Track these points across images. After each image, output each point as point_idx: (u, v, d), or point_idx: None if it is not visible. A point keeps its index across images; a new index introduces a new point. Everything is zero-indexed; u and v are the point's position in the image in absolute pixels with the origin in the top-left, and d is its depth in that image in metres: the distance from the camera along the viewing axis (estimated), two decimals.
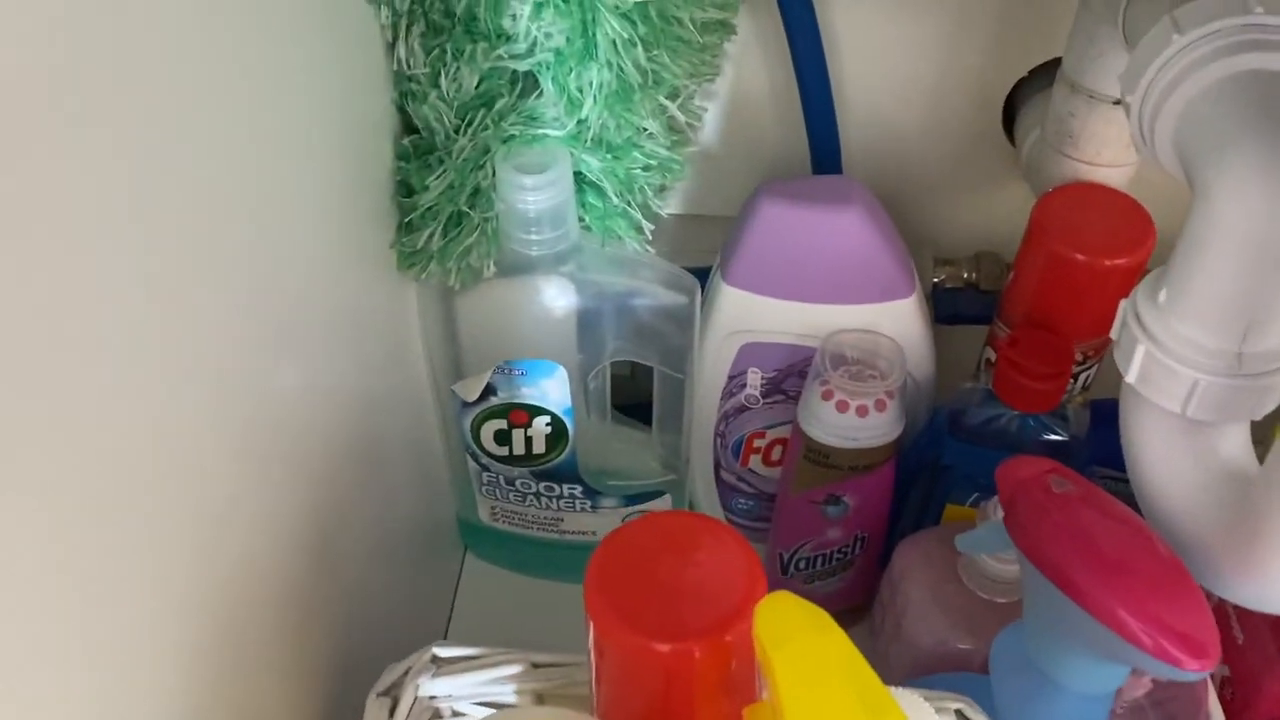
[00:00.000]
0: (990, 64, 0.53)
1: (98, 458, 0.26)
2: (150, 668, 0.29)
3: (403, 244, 0.45)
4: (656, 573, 0.32)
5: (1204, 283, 0.33)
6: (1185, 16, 0.35)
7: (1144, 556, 0.35)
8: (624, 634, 0.31)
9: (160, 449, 0.29)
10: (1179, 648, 0.33)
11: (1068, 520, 0.36)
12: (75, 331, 0.24)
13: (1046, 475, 0.37)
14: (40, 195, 0.23)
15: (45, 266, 0.23)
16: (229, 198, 0.31)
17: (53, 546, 0.24)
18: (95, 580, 0.26)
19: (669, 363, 0.50)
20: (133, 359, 0.27)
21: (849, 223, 0.47)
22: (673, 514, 0.35)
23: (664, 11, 0.41)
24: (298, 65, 0.36)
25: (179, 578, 0.30)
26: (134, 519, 0.28)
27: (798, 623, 0.28)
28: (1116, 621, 0.34)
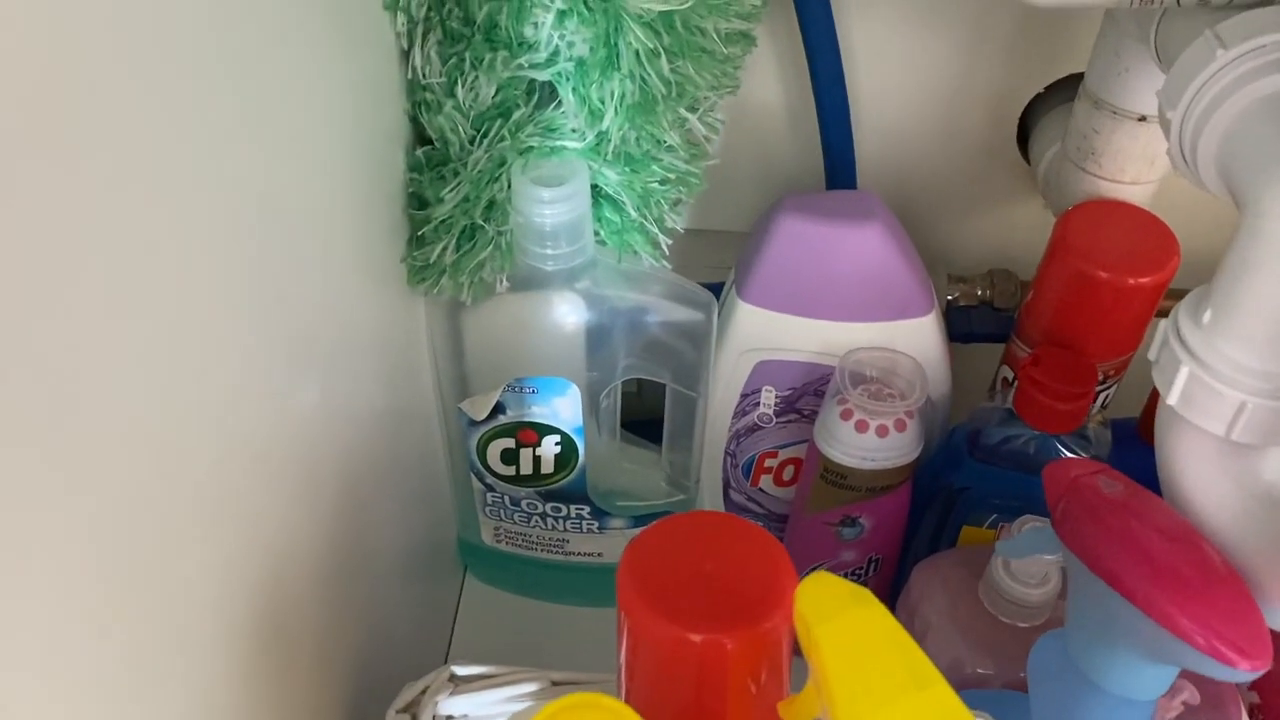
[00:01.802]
0: (1006, 80, 0.52)
1: (120, 477, 0.25)
2: (173, 689, 0.28)
3: (414, 258, 0.44)
4: (688, 567, 0.32)
5: (1252, 302, 0.32)
6: (1228, 32, 0.34)
7: (1194, 558, 0.34)
8: (657, 625, 0.31)
9: (182, 470, 0.28)
10: (1231, 647, 0.32)
11: (1118, 521, 0.35)
12: (99, 350, 0.23)
13: (1095, 476, 0.36)
14: (60, 213, 0.21)
15: (67, 286, 0.22)
16: (239, 212, 0.30)
17: (70, 566, 0.23)
18: (116, 600, 0.25)
19: (682, 380, 0.49)
20: (153, 377, 0.26)
21: (870, 239, 0.46)
22: (703, 513, 0.35)
23: (688, 22, 0.40)
24: (309, 74, 0.34)
25: (204, 595, 0.29)
26: (160, 538, 0.27)
27: (840, 599, 0.28)
28: (1171, 621, 0.33)
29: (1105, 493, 0.36)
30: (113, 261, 0.24)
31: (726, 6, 0.41)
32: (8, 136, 0.19)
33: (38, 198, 0.21)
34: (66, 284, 0.22)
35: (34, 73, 0.20)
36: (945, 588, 0.49)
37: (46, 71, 0.21)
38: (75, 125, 0.22)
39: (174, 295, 0.26)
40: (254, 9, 0.30)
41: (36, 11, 0.20)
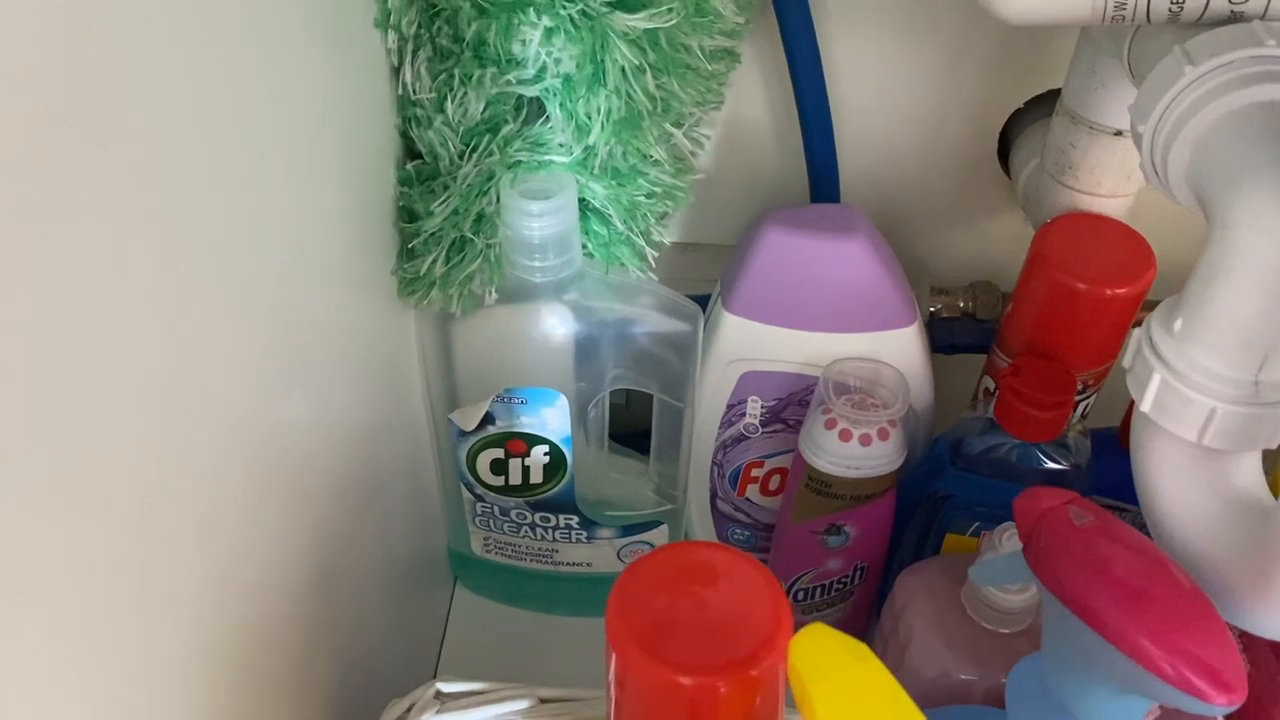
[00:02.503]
0: (986, 95, 0.53)
1: (108, 486, 0.25)
2: (158, 699, 0.28)
3: (404, 270, 0.44)
4: (680, 604, 0.31)
5: (1222, 311, 0.33)
6: (1197, 48, 0.35)
7: (1166, 587, 0.35)
8: (647, 666, 0.30)
9: (171, 479, 0.28)
10: (1205, 680, 0.32)
11: (1089, 551, 0.36)
12: (93, 359, 0.24)
13: (1066, 507, 0.37)
14: (54, 225, 0.22)
15: (61, 297, 0.22)
16: (232, 224, 0.31)
17: (56, 575, 0.23)
18: (102, 610, 0.25)
19: (669, 391, 0.50)
20: (144, 388, 0.26)
21: (854, 251, 0.47)
22: (696, 544, 0.35)
23: (673, 39, 0.41)
24: (302, 91, 0.35)
25: (190, 606, 0.30)
26: (146, 546, 0.27)
27: (837, 655, 0.28)
28: (1142, 654, 0.33)
29: (1075, 524, 0.36)
30: (108, 272, 0.24)
31: (711, 24, 0.42)
32: (10, 149, 0.20)
33: (37, 209, 0.21)
34: (62, 292, 0.22)
35: (42, 84, 0.21)
36: (929, 594, 0.50)
37: (54, 82, 0.21)
38: (78, 135, 0.22)
39: (167, 306, 0.27)
40: (250, 27, 0.30)
41: (47, 29, 0.21)
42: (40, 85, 0.21)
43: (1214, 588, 0.35)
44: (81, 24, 0.22)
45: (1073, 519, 0.36)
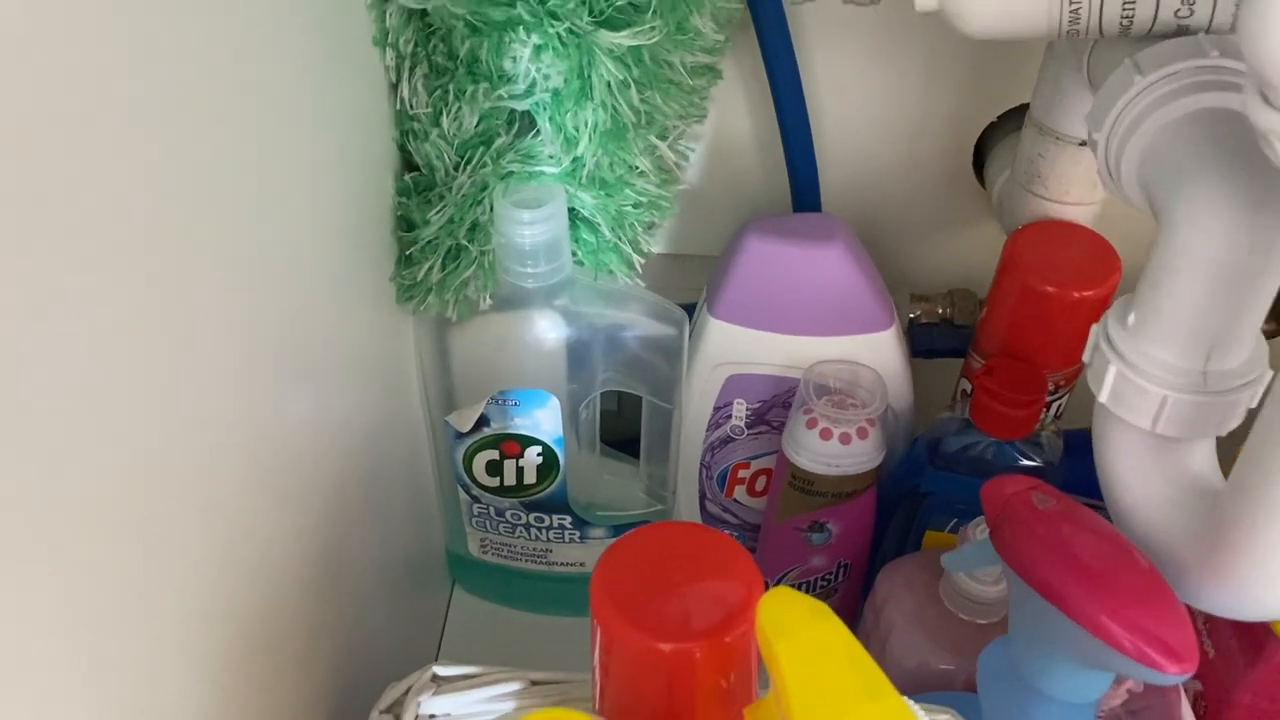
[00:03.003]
0: (960, 109, 0.55)
1: (115, 482, 0.27)
2: (163, 688, 0.30)
3: (402, 277, 0.47)
4: (659, 578, 0.33)
5: (1170, 306, 0.35)
6: (1146, 60, 0.37)
7: (1124, 567, 0.36)
8: (629, 634, 0.32)
9: (176, 476, 0.30)
10: (1159, 652, 0.34)
11: (1051, 534, 0.38)
12: (103, 366, 0.25)
13: (1030, 492, 0.39)
14: (61, 232, 0.23)
15: (71, 302, 0.24)
16: (239, 233, 0.33)
17: (65, 568, 0.25)
18: (109, 601, 0.27)
19: (657, 393, 0.52)
20: (153, 387, 0.28)
21: (832, 258, 0.49)
22: (674, 524, 0.37)
23: (656, 55, 0.43)
24: (304, 107, 0.37)
25: (193, 600, 0.31)
26: (152, 543, 0.29)
27: (799, 614, 0.30)
28: (1100, 628, 0.35)
29: (1038, 507, 0.38)
30: (121, 278, 0.26)
31: (692, 41, 0.44)
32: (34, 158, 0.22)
33: (49, 214, 0.23)
34: (76, 295, 0.24)
35: (54, 95, 0.23)
36: (909, 589, 0.51)
37: (66, 93, 0.23)
38: (89, 147, 0.24)
39: (177, 311, 0.29)
40: (256, 47, 0.33)
41: (48, 39, 0.23)
42: (57, 100, 0.23)
43: (1169, 567, 0.37)
44: (97, 47, 0.24)
45: (1036, 504, 0.38)
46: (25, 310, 0.22)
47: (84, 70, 0.24)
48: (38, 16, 0.22)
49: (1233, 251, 0.33)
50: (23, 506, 0.23)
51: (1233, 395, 0.36)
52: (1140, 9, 0.38)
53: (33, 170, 0.22)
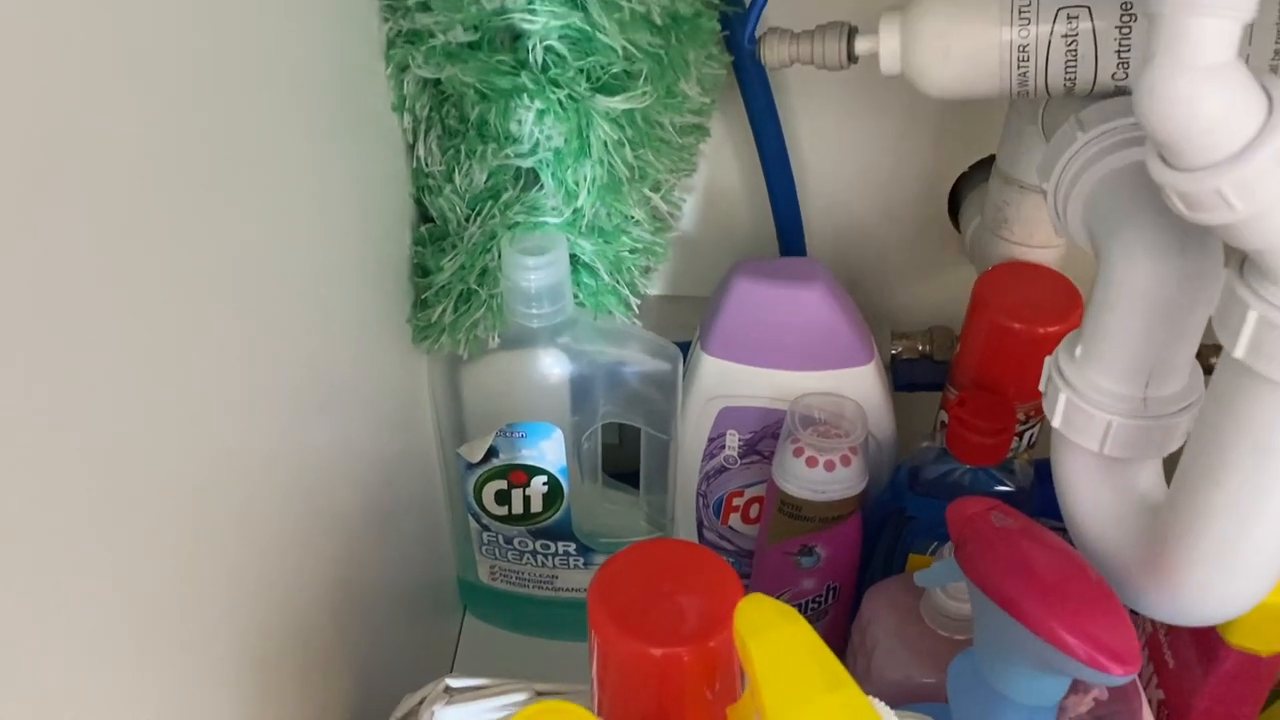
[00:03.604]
0: (935, 161, 0.59)
1: (158, 511, 0.30)
2: (202, 691, 0.33)
3: (418, 319, 0.51)
4: (650, 590, 0.37)
5: (1111, 336, 0.39)
6: (1087, 117, 0.41)
7: (1075, 580, 0.40)
8: (623, 641, 0.36)
9: (221, 510, 0.33)
10: (1107, 656, 0.37)
11: (1009, 550, 0.41)
12: (148, 396, 0.29)
13: (989, 512, 0.42)
14: (121, 277, 0.27)
15: (132, 342, 0.28)
16: (274, 281, 0.36)
17: (127, 586, 0.28)
18: (159, 612, 0.30)
19: (654, 425, 0.56)
20: (192, 421, 0.31)
21: (814, 298, 0.53)
22: (664, 541, 0.40)
23: (648, 117, 0.47)
24: (332, 166, 0.42)
25: (227, 614, 0.34)
26: (197, 562, 0.32)
27: (770, 617, 0.33)
28: (1054, 637, 0.38)
29: (997, 525, 0.42)
30: (167, 322, 0.29)
31: (680, 104, 0.48)
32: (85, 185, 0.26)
33: (124, 283, 0.27)
34: (131, 343, 0.28)
35: (106, 155, 0.27)
36: (892, 608, 0.54)
37: (129, 162, 0.28)
38: (131, 206, 0.28)
39: (213, 349, 0.32)
40: (290, 114, 0.37)
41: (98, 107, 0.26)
42: (108, 158, 0.27)
43: (1118, 576, 0.40)
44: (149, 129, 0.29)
45: (995, 522, 0.42)
46: (105, 362, 0.26)
47: (150, 132, 0.28)
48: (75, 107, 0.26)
49: (1161, 287, 0.37)
50: (95, 527, 0.26)
51: (1172, 419, 0.39)
52: (1081, 72, 0.43)
53: (99, 234, 0.26)
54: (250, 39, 0.34)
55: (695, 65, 0.48)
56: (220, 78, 0.32)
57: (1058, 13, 0.42)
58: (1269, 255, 0.30)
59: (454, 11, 0.44)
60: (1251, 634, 0.44)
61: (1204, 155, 0.28)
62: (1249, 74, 0.27)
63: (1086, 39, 0.42)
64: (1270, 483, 0.33)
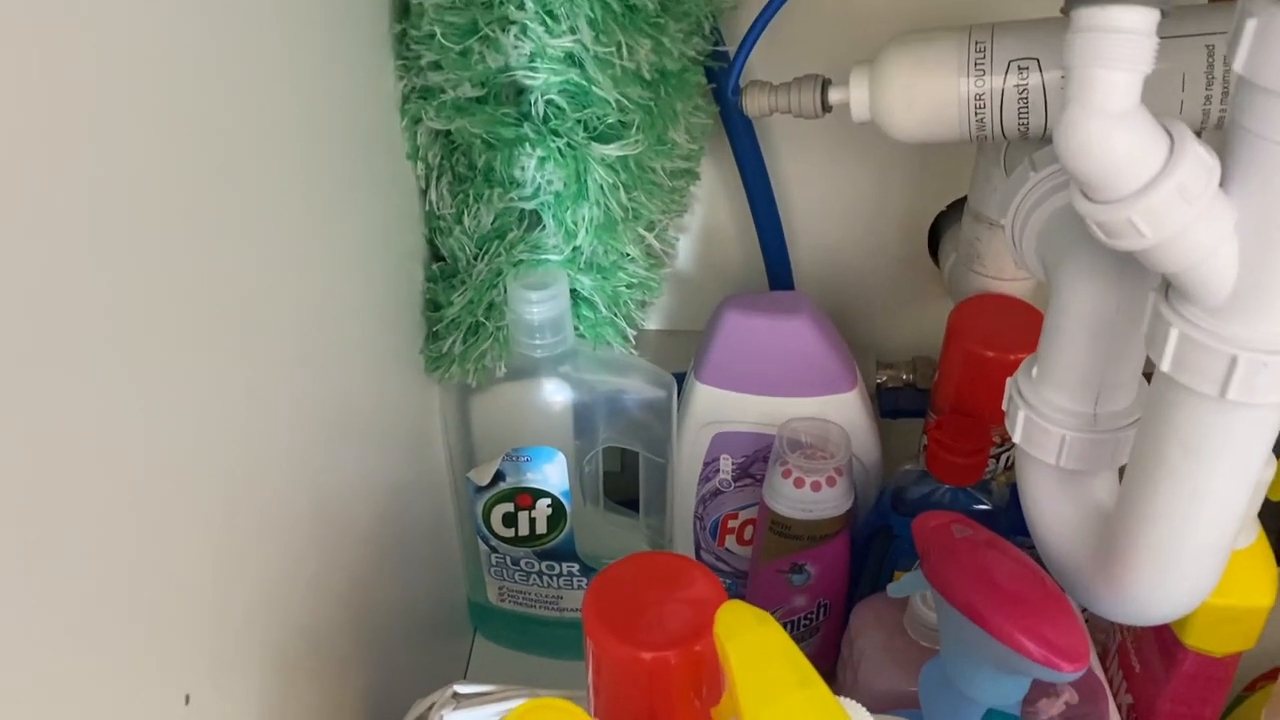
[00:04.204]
0: (913, 201, 0.64)
1: (189, 531, 0.33)
2: (227, 692, 0.36)
3: (430, 350, 0.55)
4: (641, 599, 0.40)
5: (1062, 357, 0.42)
6: (1039, 159, 0.45)
7: (1030, 586, 0.42)
8: (615, 646, 0.39)
9: (249, 530, 0.36)
10: (1058, 656, 0.40)
11: (969, 560, 0.44)
12: (183, 426, 0.32)
13: (951, 525, 0.45)
14: (159, 312, 0.30)
15: (168, 374, 0.31)
16: (299, 315, 0.40)
17: (171, 597, 0.31)
18: (195, 620, 0.33)
19: (652, 449, 0.59)
20: (219, 446, 0.34)
21: (798, 328, 0.57)
22: (653, 554, 0.43)
23: (640, 162, 0.52)
24: (352, 211, 0.46)
25: (252, 624, 0.37)
26: (227, 576, 0.35)
27: (746, 620, 0.36)
28: (1011, 640, 0.41)
29: (957, 536, 0.45)
30: (198, 353, 0.32)
31: (670, 150, 0.53)
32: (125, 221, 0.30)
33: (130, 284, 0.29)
34: (161, 369, 0.30)
35: (144, 189, 0.31)
36: (878, 623, 0.57)
37: (171, 205, 0.32)
38: (184, 247, 0.32)
39: (243, 380, 0.35)
40: (315, 164, 0.41)
41: (132, 143, 0.29)
42: (144, 178, 0.31)
43: (1076, 581, 0.43)
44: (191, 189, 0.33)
45: (956, 534, 0.45)
46: (144, 394, 0.29)
47: (178, 189, 0.32)
48: (118, 153, 0.30)
49: (1102, 311, 0.40)
50: (135, 542, 0.30)
51: (1121, 433, 0.42)
52: (1033, 119, 0.47)
53: (138, 272, 0.30)
54: (282, 97, 0.38)
55: (683, 115, 0.52)
56: (252, 131, 0.36)
57: (1009, 65, 0.46)
58: (1183, 277, 0.33)
59: (463, 69, 0.48)
60: (1206, 636, 0.47)
61: (1115, 189, 0.32)
62: (1152, 118, 0.31)
63: (1036, 90, 0.46)
64: (1200, 486, 0.37)
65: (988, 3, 0.54)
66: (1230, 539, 0.39)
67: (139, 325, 0.29)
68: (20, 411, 0.24)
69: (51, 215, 0.25)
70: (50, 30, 0.25)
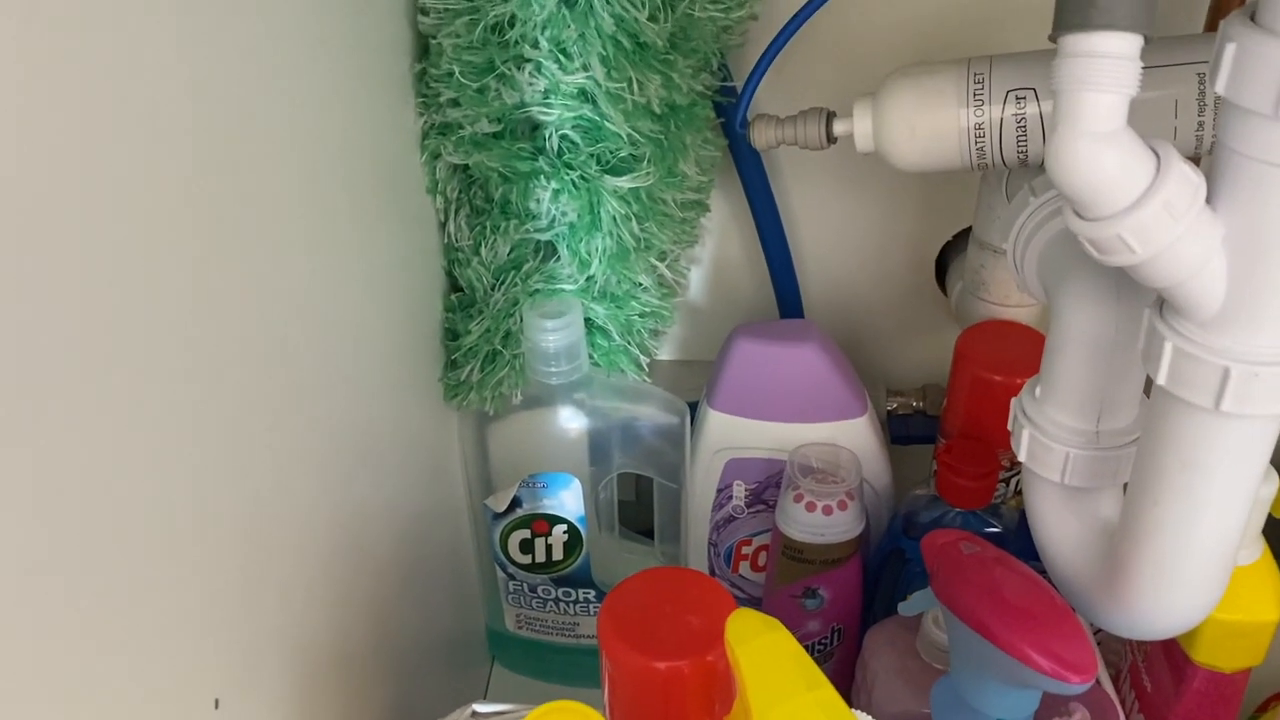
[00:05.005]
0: (920, 231, 0.65)
1: (241, 561, 0.35)
2: (252, 706, 0.37)
3: (448, 378, 0.56)
4: (654, 611, 0.41)
5: (1062, 377, 0.43)
6: (1039, 184, 0.46)
7: (1037, 600, 0.43)
8: (630, 657, 0.40)
9: (273, 555, 0.38)
10: (1067, 669, 0.41)
11: (977, 576, 0.45)
12: (210, 453, 0.33)
13: (959, 542, 0.46)
14: (193, 345, 0.32)
15: (199, 405, 0.32)
16: (321, 344, 0.42)
17: (192, 626, 0.32)
18: (225, 639, 0.35)
19: (665, 475, 0.60)
20: (251, 476, 0.36)
21: (807, 355, 0.58)
22: (668, 569, 0.44)
23: (652, 194, 0.53)
24: (373, 243, 0.47)
25: (275, 641, 0.39)
26: (253, 598, 0.37)
27: (756, 627, 0.37)
28: (1019, 653, 0.42)
29: (966, 554, 0.46)
30: (225, 383, 0.34)
31: (680, 182, 0.54)
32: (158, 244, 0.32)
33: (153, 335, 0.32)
34: (194, 400, 0.32)
35: (179, 222, 0.33)
36: (891, 645, 0.58)
37: (204, 241, 0.33)
38: (214, 281, 0.34)
39: (268, 407, 0.37)
40: (339, 197, 0.43)
41: (180, 184, 0.33)
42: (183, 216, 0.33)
43: (1083, 597, 0.44)
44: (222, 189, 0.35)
45: (964, 551, 0.46)
46: (177, 423, 0.31)
47: (210, 227, 0.34)
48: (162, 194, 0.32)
49: (1102, 330, 0.41)
50: (159, 581, 0.31)
51: (1123, 450, 0.43)
52: (1031, 147, 0.48)
53: (178, 309, 0.32)
54: (308, 136, 0.40)
55: (693, 148, 0.54)
56: (279, 169, 0.38)
57: (1008, 95, 0.47)
58: (1174, 292, 0.34)
59: (480, 106, 0.50)
60: (1215, 652, 0.47)
61: (1105, 207, 0.33)
62: (1138, 138, 0.33)
63: (1034, 118, 0.47)
64: (1200, 498, 0.38)
65: (986, 35, 0.55)
66: (1232, 551, 0.39)
67: (175, 356, 0.31)
68: (63, 437, 0.26)
69: (96, 256, 0.27)
70: (95, 91, 0.27)
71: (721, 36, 0.55)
